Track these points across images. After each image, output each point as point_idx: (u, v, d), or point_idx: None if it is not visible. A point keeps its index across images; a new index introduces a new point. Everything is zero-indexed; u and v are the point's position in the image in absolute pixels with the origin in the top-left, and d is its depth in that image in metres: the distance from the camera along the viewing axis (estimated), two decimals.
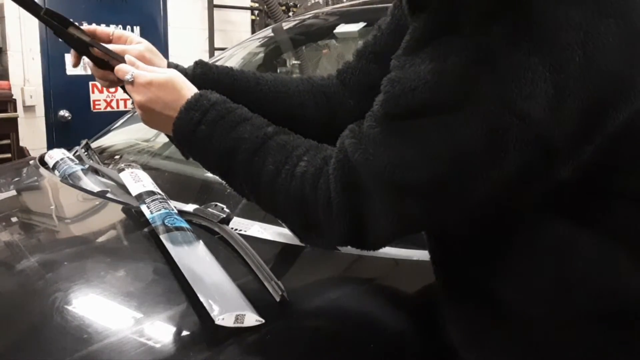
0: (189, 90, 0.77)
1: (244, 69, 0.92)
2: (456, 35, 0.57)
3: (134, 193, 1.12)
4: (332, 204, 0.65)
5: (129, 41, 0.89)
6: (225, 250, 0.93)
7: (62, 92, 4.01)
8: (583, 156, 0.58)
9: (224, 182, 0.79)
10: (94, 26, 0.90)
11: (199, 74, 0.86)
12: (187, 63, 0.92)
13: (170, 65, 0.89)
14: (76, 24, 0.89)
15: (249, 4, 5.15)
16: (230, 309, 0.71)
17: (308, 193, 0.67)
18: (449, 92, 0.57)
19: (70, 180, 1.34)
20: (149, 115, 0.79)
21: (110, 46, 0.86)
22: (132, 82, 0.79)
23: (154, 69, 0.82)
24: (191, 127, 0.75)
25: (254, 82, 0.88)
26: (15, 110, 3.70)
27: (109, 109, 4.25)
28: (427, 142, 0.58)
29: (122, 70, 0.80)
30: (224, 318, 0.70)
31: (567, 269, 0.63)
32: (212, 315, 0.71)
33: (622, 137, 0.58)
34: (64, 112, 4.04)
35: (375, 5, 1.85)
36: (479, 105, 0.55)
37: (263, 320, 0.72)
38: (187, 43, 4.40)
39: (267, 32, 2.24)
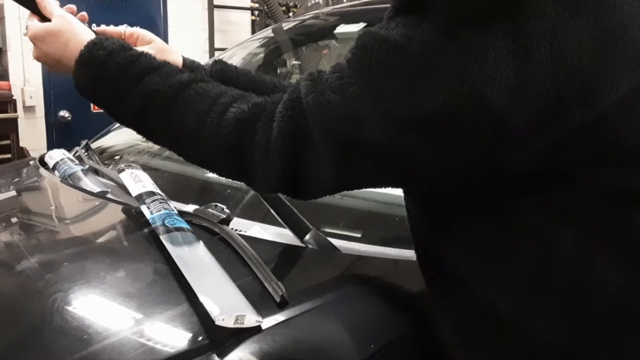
0: (79, 41, 0.73)
1: (261, 73, 0.92)
2: (432, 6, 0.57)
3: (134, 193, 1.12)
4: (271, 147, 0.63)
5: (139, 40, 0.87)
6: (226, 250, 0.93)
7: (62, 92, 4.01)
8: (541, 148, 0.57)
9: (223, 182, 0.79)
10: (103, 27, 0.87)
11: (217, 70, 0.86)
12: None
13: (185, 61, 0.88)
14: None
15: (249, 4, 5.15)
16: (230, 309, 0.71)
17: (244, 137, 0.65)
18: (414, 58, 0.57)
19: (70, 180, 1.34)
20: (53, 67, 0.77)
21: None
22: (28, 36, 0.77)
23: (56, 13, 0.78)
24: (90, 85, 0.71)
25: (271, 87, 0.88)
26: (15, 110, 3.70)
27: None
28: (384, 103, 0.58)
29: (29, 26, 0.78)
30: (224, 319, 0.70)
31: (543, 261, 0.62)
32: (212, 315, 0.71)
33: (587, 137, 0.57)
34: (64, 113, 4.05)
35: (375, 6, 1.85)
36: (439, 76, 0.55)
37: (263, 321, 0.72)
38: (187, 43, 4.41)
39: (267, 32, 2.24)
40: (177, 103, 0.68)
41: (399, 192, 0.73)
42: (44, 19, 0.81)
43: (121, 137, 1.80)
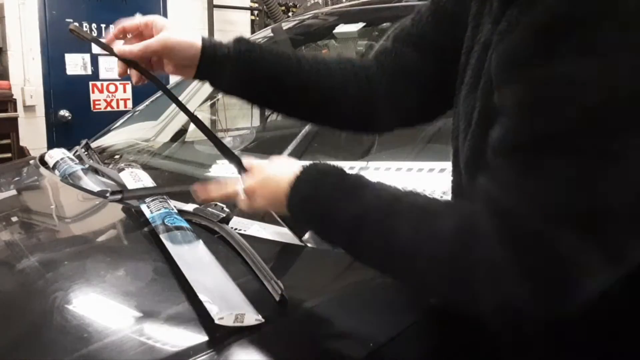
0: (290, 175, 0.70)
1: (284, 48, 0.89)
2: (606, 25, 0.46)
3: None
4: (496, 262, 0.53)
5: (154, 28, 0.82)
6: (225, 249, 0.93)
7: (62, 92, 4.02)
8: None
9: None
10: (121, 22, 0.84)
11: (244, 50, 0.82)
12: None
13: (205, 41, 0.82)
14: (76, 24, 0.89)
15: (248, 4, 5.15)
16: (229, 308, 0.71)
17: (463, 258, 0.56)
18: (624, 94, 0.46)
19: (70, 179, 1.34)
20: (273, 210, 0.77)
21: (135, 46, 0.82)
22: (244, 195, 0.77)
23: (258, 167, 0.76)
24: (302, 205, 0.69)
25: (295, 62, 0.85)
26: (15, 110, 3.70)
27: (109, 108, 4.25)
28: (623, 165, 0.48)
29: (230, 189, 0.78)
30: (223, 317, 0.70)
31: None
32: (211, 314, 0.71)
33: None
34: (64, 112, 4.05)
35: (374, 6, 1.85)
36: None
37: (263, 320, 0.72)
38: None
39: (267, 32, 2.24)
40: (392, 216, 0.62)
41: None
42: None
43: (121, 136, 1.80)
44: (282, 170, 0.71)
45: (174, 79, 3.64)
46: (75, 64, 4.07)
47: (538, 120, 0.50)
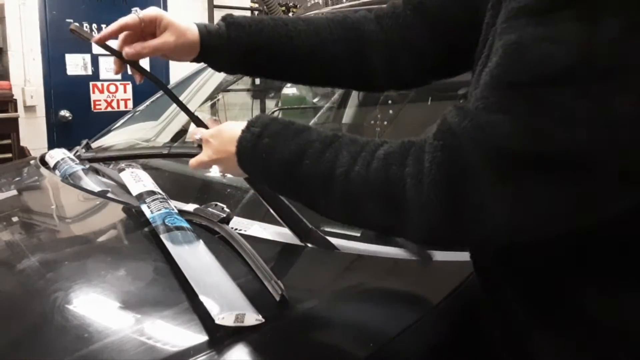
0: (242, 125, 0.73)
1: (275, 20, 0.89)
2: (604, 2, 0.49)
3: (134, 193, 1.12)
4: (424, 179, 0.55)
5: (157, 23, 0.86)
6: (225, 249, 0.93)
7: (62, 92, 4.02)
8: None
9: (223, 181, 0.79)
10: (122, 19, 0.86)
11: (235, 36, 0.85)
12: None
13: (203, 35, 0.86)
14: (76, 24, 0.90)
15: (249, 4, 5.16)
16: (230, 308, 0.72)
17: (393, 172, 0.58)
18: (602, 57, 0.49)
19: (70, 180, 1.34)
20: (222, 164, 0.77)
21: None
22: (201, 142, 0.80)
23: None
24: (253, 141, 0.70)
25: (287, 37, 0.87)
26: (16, 110, 3.71)
27: (109, 109, 4.26)
28: (567, 113, 0.50)
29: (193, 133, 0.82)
30: (224, 317, 0.70)
31: None
32: (212, 314, 0.71)
33: None
34: (64, 112, 4.05)
35: (374, 6, 1.85)
36: (636, 74, 0.49)
37: (263, 320, 0.72)
38: None
39: None
40: (332, 148, 0.65)
41: None
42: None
43: (121, 136, 1.80)
44: (236, 124, 0.74)
45: (174, 79, 3.63)
46: (76, 64, 4.07)
47: (512, 68, 0.52)
